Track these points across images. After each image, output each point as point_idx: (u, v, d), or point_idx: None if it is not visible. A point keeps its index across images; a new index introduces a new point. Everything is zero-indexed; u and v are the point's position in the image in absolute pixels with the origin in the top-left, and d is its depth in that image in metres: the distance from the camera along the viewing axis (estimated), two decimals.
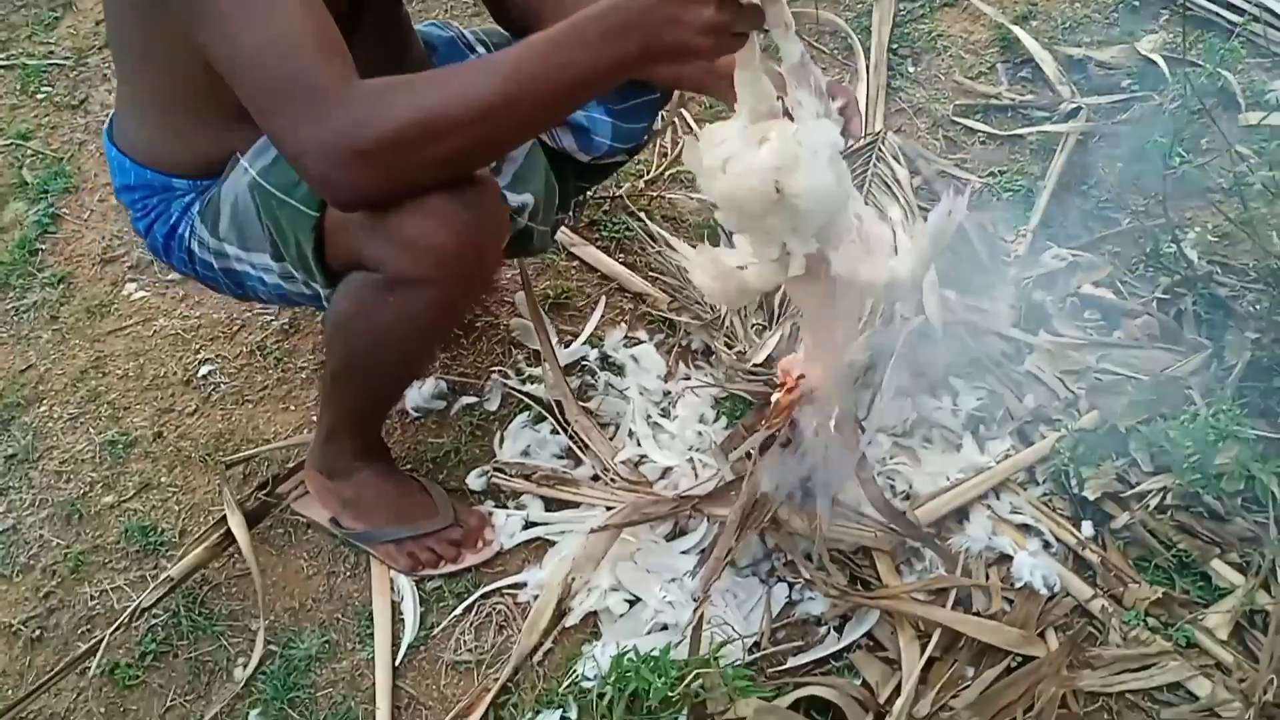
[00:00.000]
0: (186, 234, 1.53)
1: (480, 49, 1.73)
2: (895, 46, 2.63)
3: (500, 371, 1.94)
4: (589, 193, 2.13)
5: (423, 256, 1.26)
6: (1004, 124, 2.47)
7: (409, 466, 1.82)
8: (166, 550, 1.75)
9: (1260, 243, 1.97)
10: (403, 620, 1.64)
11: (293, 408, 1.93)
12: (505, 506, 1.76)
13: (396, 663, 1.60)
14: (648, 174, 2.32)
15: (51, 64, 2.73)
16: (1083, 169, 2.34)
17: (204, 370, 2.00)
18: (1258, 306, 1.96)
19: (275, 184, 1.38)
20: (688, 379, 1.92)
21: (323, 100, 1.13)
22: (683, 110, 2.43)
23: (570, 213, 1.99)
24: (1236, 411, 1.69)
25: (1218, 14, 2.56)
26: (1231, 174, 2.18)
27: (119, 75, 1.54)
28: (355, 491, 1.67)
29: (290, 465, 1.81)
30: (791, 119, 1.22)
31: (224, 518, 1.70)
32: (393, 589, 1.67)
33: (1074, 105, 2.46)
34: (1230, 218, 2.08)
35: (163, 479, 1.85)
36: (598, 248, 2.15)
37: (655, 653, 1.49)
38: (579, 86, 1.18)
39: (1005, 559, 1.64)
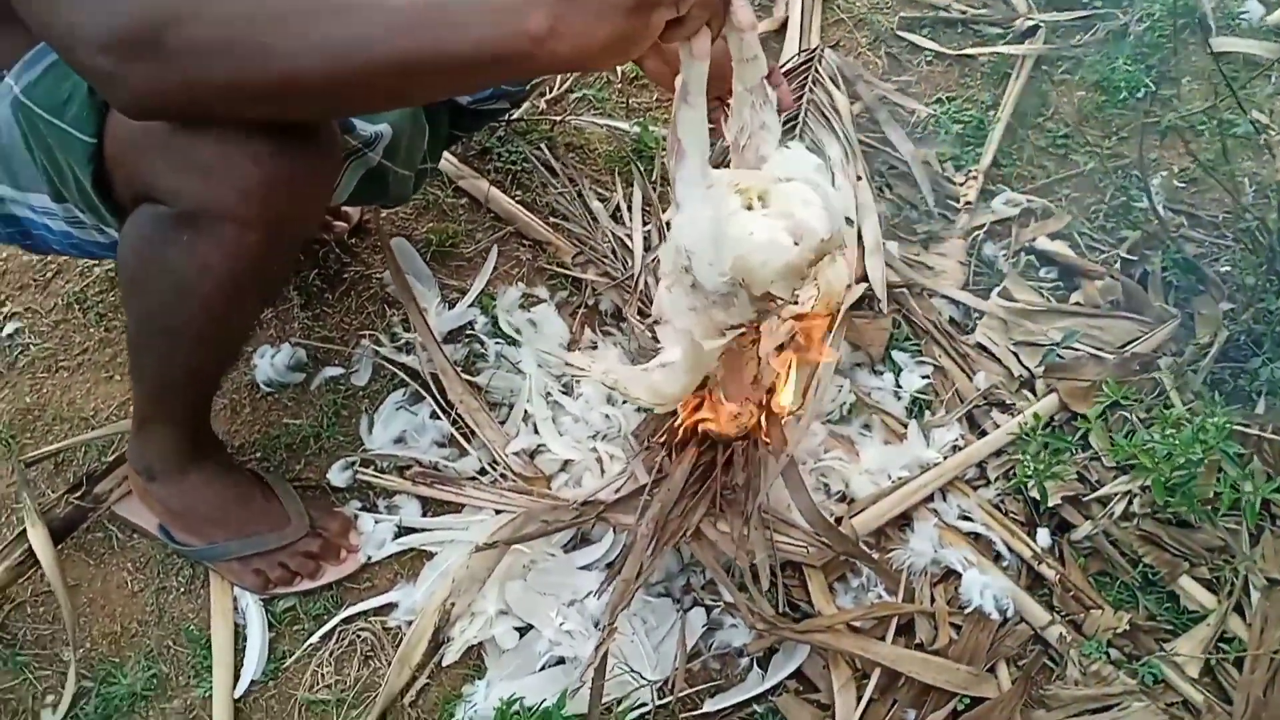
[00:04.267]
0: None
1: None
2: None
3: (371, 337, 1.64)
4: (464, 142, 1.82)
5: (222, 187, 0.99)
6: (953, 41, 2.19)
7: (258, 455, 1.52)
8: None
9: (1233, 194, 1.76)
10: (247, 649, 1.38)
11: (117, 377, 1.60)
12: (374, 508, 1.48)
13: (238, 699, 1.34)
14: (550, 92, 2.00)
15: None
16: (1039, 98, 2.08)
17: (9, 328, 1.65)
18: (1230, 269, 1.76)
19: (41, 103, 1.05)
20: (594, 347, 1.65)
21: None
22: None
23: (438, 166, 1.67)
24: (1212, 402, 1.51)
25: None
26: (1208, 109, 1.96)
27: None
28: (183, 501, 1.37)
29: (112, 457, 1.50)
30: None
31: (25, 530, 1.40)
32: (236, 610, 1.40)
33: (1031, 22, 2.19)
34: (1201, 162, 1.85)
35: None
36: (491, 182, 1.83)
37: (548, 704, 1.25)
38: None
39: (953, 575, 1.43)
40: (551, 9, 0.83)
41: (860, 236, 1.72)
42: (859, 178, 1.82)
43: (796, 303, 1.07)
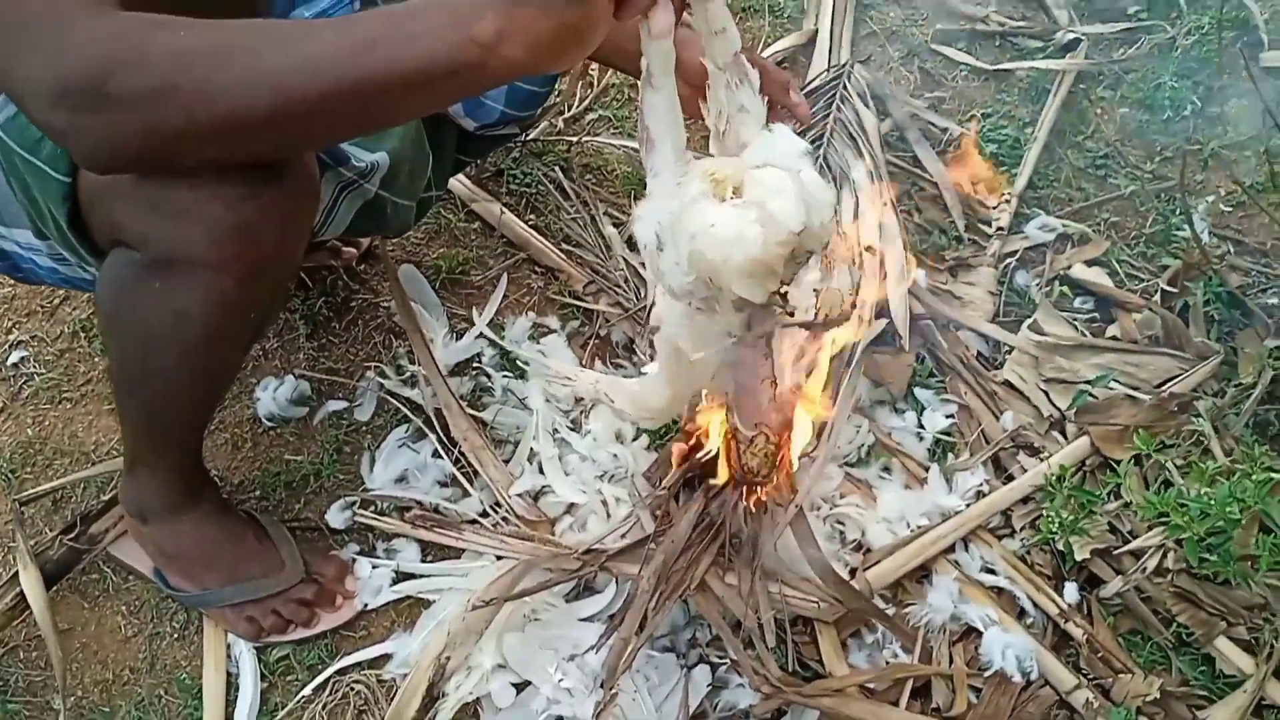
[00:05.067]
0: None
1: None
2: None
3: (376, 369, 1.59)
4: (469, 169, 1.76)
5: (193, 233, 0.94)
6: (990, 55, 2.10)
7: (257, 494, 1.49)
8: None
9: (1276, 220, 1.66)
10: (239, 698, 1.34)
11: None
12: (372, 551, 1.44)
13: None
14: (568, 111, 1.94)
15: None
16: (1079, 116, 1.99)
17: (15, 357, 1.63)
18: (1277, 302, 1.66)
19: (18, 139, 1.01)
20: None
21: (53, 18, 0.79)
22: None
23: (446, 192, 1.62)
24: (1250, 454, 1.42)
25: None
26: (1257, 132, 1.86)
27: None
28: (175, 544, 1.34)
29: (109, 495, 1.47)
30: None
31: (17, 573, 1.37)
32: (229, 657, 1.37)
33: (1073, 35, 2.10)
34: (1244, 186, 1.76)
35: None
36: (505, 205, 1.78)
37: None
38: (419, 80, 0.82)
39: (973, 633, 1.36)
40: (498, 12, 0.77)
41: (882, 264, 1.65)
42: (885, 203, 1.74)
43: (791, 312, 1.00)
